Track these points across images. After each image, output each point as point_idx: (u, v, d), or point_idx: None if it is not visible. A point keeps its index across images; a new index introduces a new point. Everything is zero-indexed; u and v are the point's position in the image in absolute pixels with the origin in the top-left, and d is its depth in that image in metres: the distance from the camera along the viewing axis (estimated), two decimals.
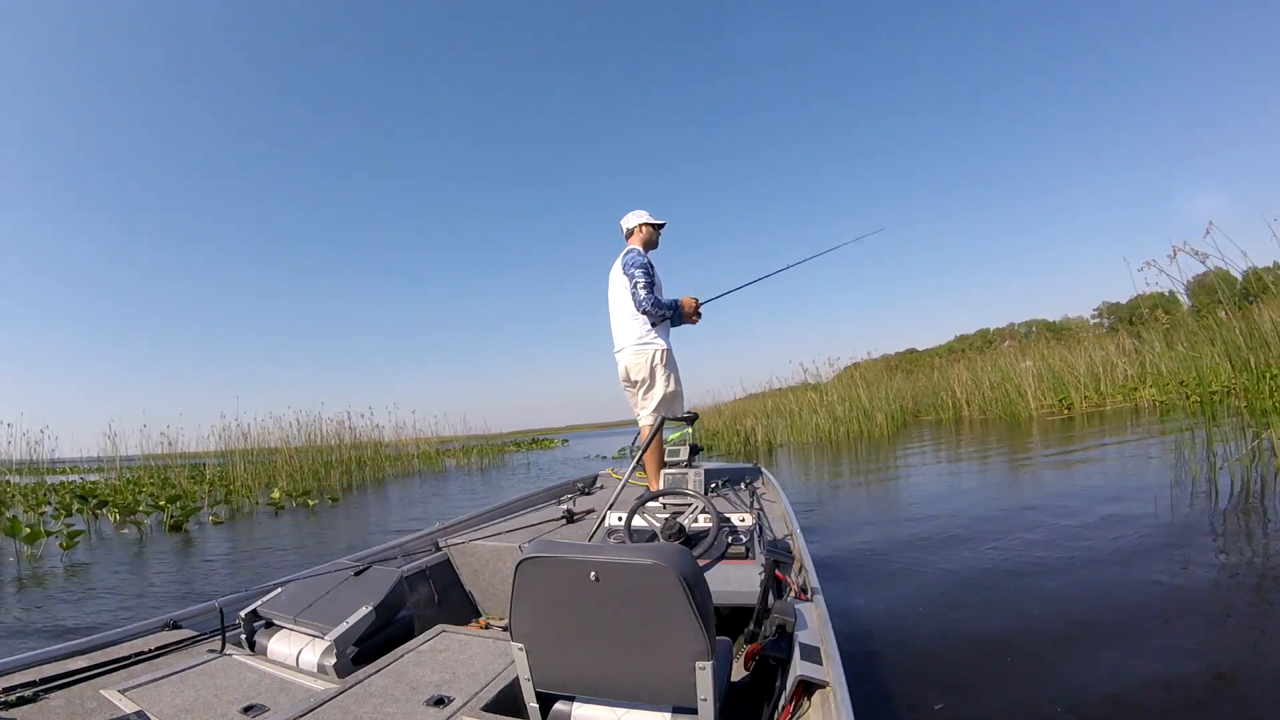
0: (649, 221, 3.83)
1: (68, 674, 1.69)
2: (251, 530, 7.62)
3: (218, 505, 9.66)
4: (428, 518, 7.47)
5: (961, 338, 43.03)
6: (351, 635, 1.85)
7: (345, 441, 15.32)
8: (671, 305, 3.67)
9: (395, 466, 16.17)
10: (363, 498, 10.91)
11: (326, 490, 11.72)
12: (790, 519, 2.74)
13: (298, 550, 6.08)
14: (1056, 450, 8.13)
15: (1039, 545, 3.63)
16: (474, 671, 1.66)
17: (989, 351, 18.66)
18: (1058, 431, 10.10)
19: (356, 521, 8.06)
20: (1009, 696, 2.01)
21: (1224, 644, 2.23)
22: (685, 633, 1.18)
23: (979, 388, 14.89)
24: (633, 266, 3.59)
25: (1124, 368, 13.33)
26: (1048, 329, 30.80)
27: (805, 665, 1.33)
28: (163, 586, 4.76)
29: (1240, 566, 2.95)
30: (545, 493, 4.18)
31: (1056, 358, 14.47)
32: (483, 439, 20.54)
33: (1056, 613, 2.64)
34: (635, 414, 3.86)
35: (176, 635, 2.02)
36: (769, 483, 3.68)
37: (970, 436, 11.38)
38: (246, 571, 5.07)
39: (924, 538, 4.17)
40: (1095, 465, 6.50)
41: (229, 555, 6.01)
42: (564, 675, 1.33)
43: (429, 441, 18.52)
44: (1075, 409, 12.69)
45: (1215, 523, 3.68)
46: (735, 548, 2.22)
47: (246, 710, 1.54)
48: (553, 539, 2.35)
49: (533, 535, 2.95)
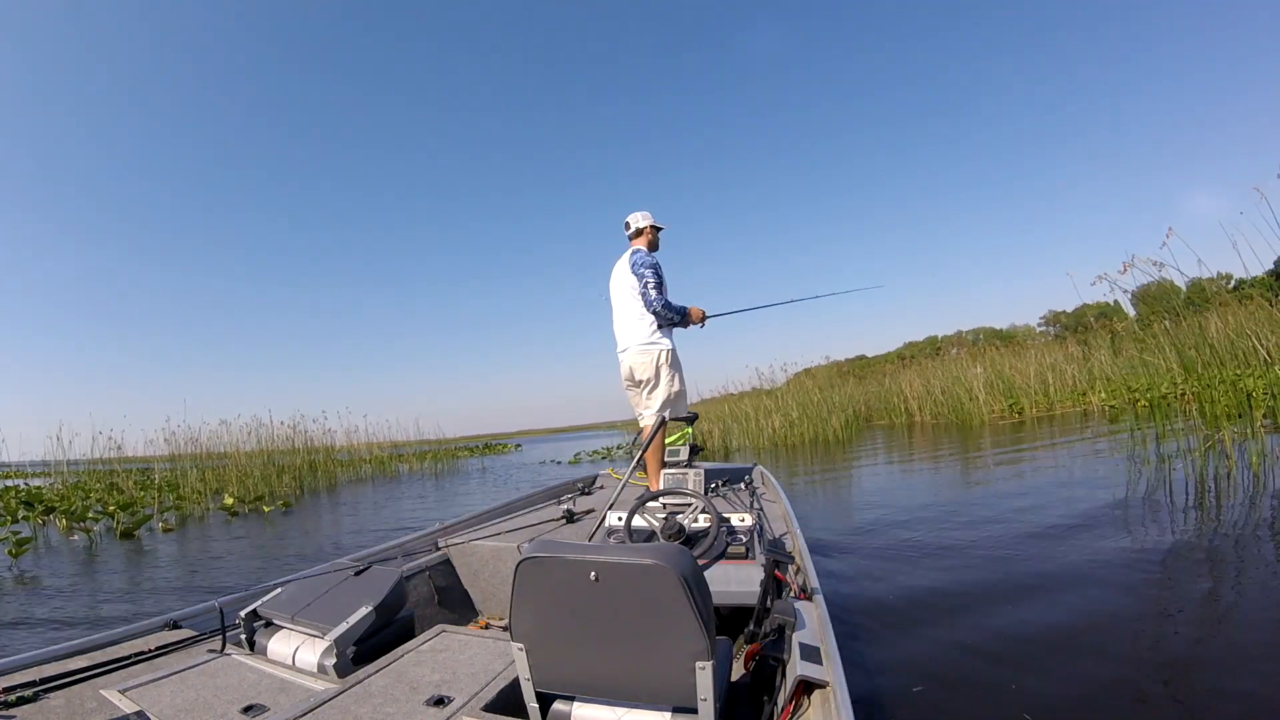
0: (655, 224, 3.84)
1: (68, 674, 1.68)
2: (205, 538, 7.37)
3: (168, 511, 9.38)
4: (383, 524, 7.41)
5: (910, 344, 44.38)
6: (351, 635, 1.85)
7: (297, 446, 14.97)
8: (681, 311, 3.69)
9: (348, 472, 15.84)
10: (316, 504, 10.63)
11: (279, 496, 11.39)
12: (790, 519, 2.75)
13: (257, 558, 5.89)
14: (1009, 450, 8.39)
15: (996, 539, 3.83)
16: (474, 671, 1.66)
17: (940, 358, 19.16)
18: (1009, 434, 10.37)
19: (312, 528, 7.82)
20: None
21: (1182, 622, 2.46)
22: (685, 633, 1.18)
23: (930, 393, 15.18)
24: (642, 266, 3.60)
25: (1073, 373, 13.70)
26: (995, 337, 31.36)
27: (805, 665, 1.34)
28: (122, 594, 4.57)
29: (1191, 551, 3.21)
30: (545, 493, 4.17)
31: (1007, 364, 14.80)
32: (436, 444, 20.12)
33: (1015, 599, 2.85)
34: (638, 413, 3.86)
35: (176, 635, 2.01)
36: (769, 483, 3.69)
37: (925, 440, 11.60)
38: (206, 581, 4.88)
39: (885, 531, 4.39)
40: (1049, 466, 6.72)
41: (185, 564, 5.77)
42: (564, 675, 1.33)
43: (381, 446, 18.23)
44: (1026, 413, 13.02)
45: (1170, 517, 3.83)
46: (735, 548, 2.22)
47: (246, 710, 1.54)
48: (553, 539, 2.35)
49: (533, 535, 2.95)
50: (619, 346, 3.76)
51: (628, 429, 28.46)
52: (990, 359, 15.56)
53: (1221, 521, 3.59)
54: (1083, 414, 11.75)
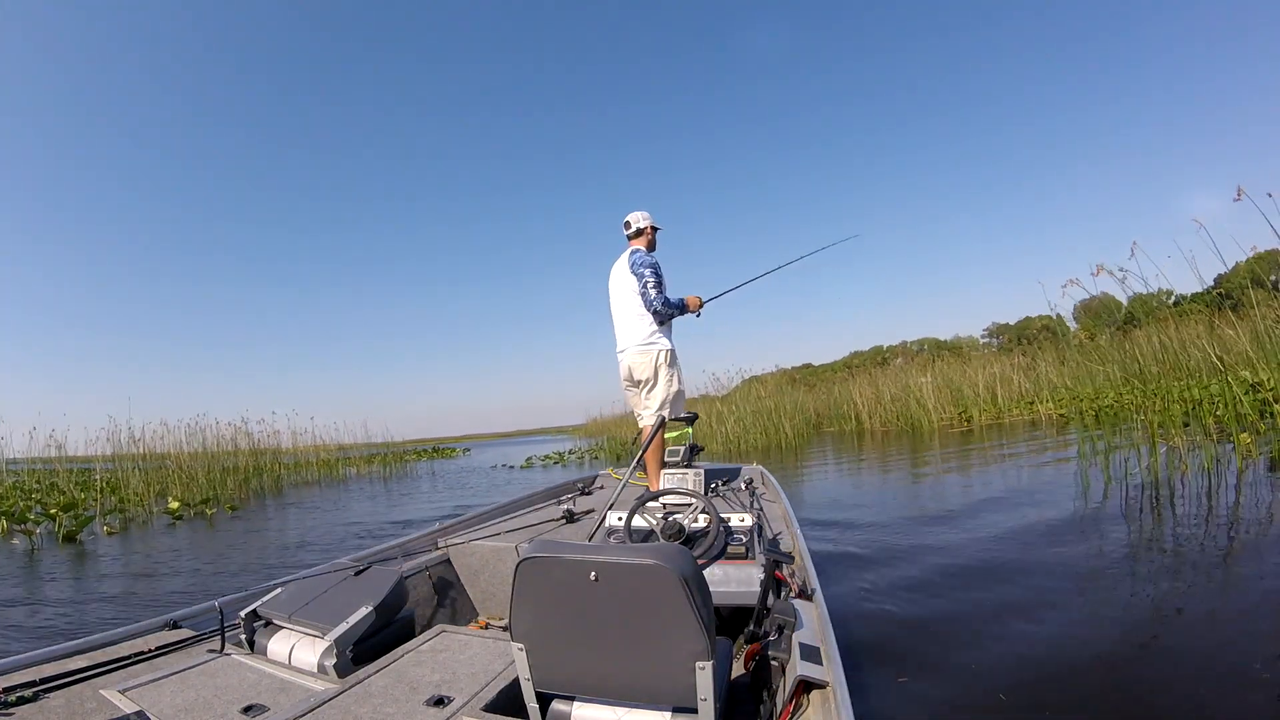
0: (654, 224, 3.85)
1: (68, 674, 1.68)
2: (151, 543, 7.12)
3: (111, 514, 9.05)
4: (333, 528, 7.27)
5: (856, 353, 45.26)
6: (351, 635, 1.85)
7: (242, 448, 14.59)
8: (680, 305, 3.71)
9: (294, 475, 15.52)
10: (263, 508, 10.40)
11: (225, 499, 11.17)
12: (790, 519, 2.75)
13: (210, 565, 5.64)
14: (961, 456, 8.71)
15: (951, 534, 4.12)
16: (474, 671, 1.66)
17: (889, 367, 19.71)
18: (958, 441, 10.64)
19: (262, 534, 7.63)
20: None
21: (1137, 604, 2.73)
22: (685, 633, 1.19)
23: (880, 401, 15.50)
24: (642, 266, 3.61)
25: (1020, 383, 14.14)
26: (940, 347, 32.19)
27: (805, 665, 1.33)
28: (70, 603, 4.38)
29: (1136, 547, 3.46)
30: (545, 493, 4.16)
31: (956, 373, 15.22)
32: (384, 447, 19.90)
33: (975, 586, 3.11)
34: (637, 414, 3.87)
35: (176, 635, 2.00)
36: (769, 483, 3.70)
37: (880, 445, 11.87)
38: (159, 591, 4.66)
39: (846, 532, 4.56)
40: (999, 470, 7.00)
41: (134, 571, 5.54)
42: (564, 675, 1.33)
43: (328, 449, 17.87)
44: (975, 421, 13.38)
45: (1121, 519, 4.04)
46: (735, 548, 2.22)
47: (246, 710, 1.53)
48: (553, 539, 2.35)
49: (533, 535, 2.94)
50: (618, 346, 3.77)
51: (577, 434, 29.06)
52: (939, 368, 16.02)
53: (1177, 521, 3.77)
54: (1031, 422, 12.14)
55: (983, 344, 38.55)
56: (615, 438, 17.60)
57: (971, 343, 33.71)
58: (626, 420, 19.53)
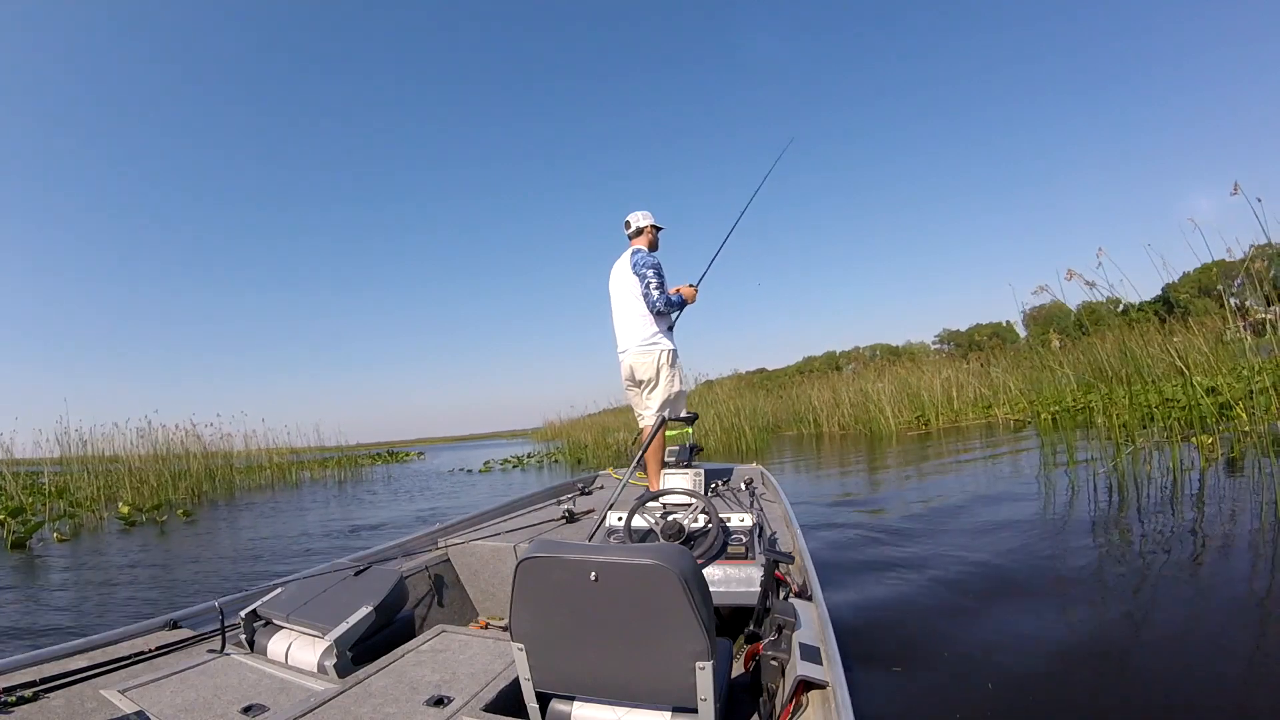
0: (656, 224, 3.85)
1: (68, 674, 1.67)
2: (103, 550, 6.89)
3: (60, 519, 8.74)
4: (295, 538, 7.08)
5: (809, 359, 47.14)
6: (351, 635, 1.85)
7: (193, 451, 14.20)
8: (680, 302, 3.72)
9: (247, 479, 15.09)
10: (217, 513, 10.15)
11: (177, 504, 10.86)
12: (790, 519, 2.75)
13: (172, 573, 5.43)
14: (919, 459, 8.85)
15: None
16: (474, 671, 1.66)
17: (843, 373, 20.16)
18: (916, 444, 10.81)
19: (216, 540, 7.38)
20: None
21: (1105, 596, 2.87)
22: (685, 633, 1.19)
23: (839, 405, 15.73)
24: (644, 266, 3.61)
25: (976, 387, 14.34)
26: (891, 353, 32.71)
27: (805, 665, 1.33)
28: (21, 613, 4.22)
29: (1104, 546, 3.56)
30: (545, 493, 4.16)
31: (913, 378, 15.41)
32: (338, 450, 19.52)
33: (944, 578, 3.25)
34: (637, 414, 3.87)
35: (176, 635, 2.00)
36: (769, 483, 3.70)
37: (839, 448, 12.05)
38: (110, 596, 4.52)
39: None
40: (956, 472, 7.14)
41: (90, 580, 5.30)
42: (564, 675, 1.33)
43: (280, 453, 17.47)
44: (932, 425, 13.54)
45: (1092, 518, 4.12)
46: (735, 548, 2.22)
47: (246, 710, 1.53)
48: (553, 539, 2.34)
49: (533, 535, 2.94)
50: (619, 347, 3.76)
51: (534, 438, 28.99)
52: (895, 372, 16.26)
53: (1145, 517, 3.96)
54: (987, 426, 12.31)
55: (934, 350, 39.55)
56: (575, 441, 17.58)
57: (923, 349, 34.35)
58: (584, 424, 19.71)
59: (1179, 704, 1.93)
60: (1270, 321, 4.28)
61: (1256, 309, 4.51)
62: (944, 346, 49.04)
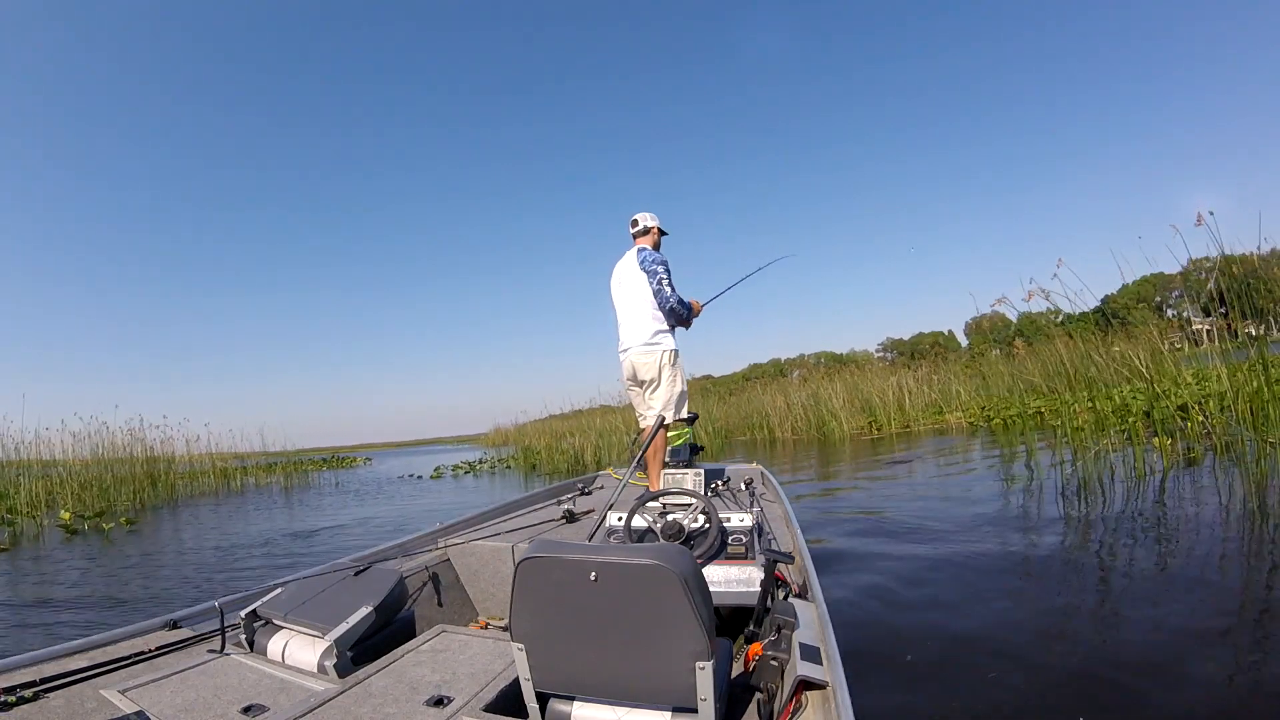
0: (662, 227, 3.86)
1: (68, 674, 1.68)
2: (47, 560, 6.58)
3: None
4: (245, 540, 6.97)
5: (755, 365, 46.75)
6: (351, 635, 1.85)
7: (136, 455, 13.48)
8: (689, 307, 3.73)
9: (190, 485, 14.69)
10: (161, 520, 9.80)
11: (120, 511, 10.46)
12: (790, 519, 2.76)
13: (123, 587, 5.09)
14: (872, 464, 9.00)
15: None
16: (474, 671, 1.67)
17: (788, 379, 20.42)
18: (869, 449, 10.95)
19: (163, 549, 7.07)
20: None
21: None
22: (685, 633, 1.19)
23: (791, 410, 15.79)
24: (654, 263, 3.60)
25: (926, 393, 14.62)
26: (835, 361, 32.85)
27: (805, 665, 1.34)
28: None
29: (1070, 546, 3.70)
30: (545, 493, 4.16)
31: (865, 383, 15.59)
32: (282, 455, 18.87)
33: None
34: (639, 414, 3.87)
35: (176, 635, 2.00)
36: (769, 483, 3.70)
37: (791, 452, 12.16)
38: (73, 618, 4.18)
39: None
40: (907, 475, 7.28)
41: (32, 594, 5.02)
42: (564, 675, 1.33)
43: (224, 457, 16.93)
44: (884, 429, 13.67)
45: (1062, 515, 4.30)
46: (735, 548, 2.22)
47: (246, 710, 1.53)
48: (552, 539, 2.35)
49: (532, 535, 2.94)
50: (621, 346, 3.75)
51: (482, 444, 28.70)
52: (845, 378, 16.47)
53: (1107, 515, 4.05)
54: (939, 430, 12.46)
55: (878, 358, 40.60)
56: (528, 447, 17.46)
57: (866, 356, 34.99)
58: (533, 429, 19.64)
59: (1159, 688, 2.01)
60: (1206, 331, 4.59)
61: (1195, 320, 4.84)
62: (888, 355, 50.39)
